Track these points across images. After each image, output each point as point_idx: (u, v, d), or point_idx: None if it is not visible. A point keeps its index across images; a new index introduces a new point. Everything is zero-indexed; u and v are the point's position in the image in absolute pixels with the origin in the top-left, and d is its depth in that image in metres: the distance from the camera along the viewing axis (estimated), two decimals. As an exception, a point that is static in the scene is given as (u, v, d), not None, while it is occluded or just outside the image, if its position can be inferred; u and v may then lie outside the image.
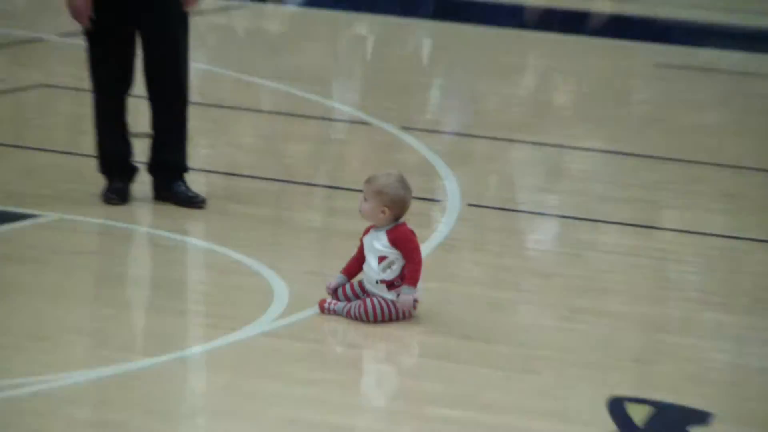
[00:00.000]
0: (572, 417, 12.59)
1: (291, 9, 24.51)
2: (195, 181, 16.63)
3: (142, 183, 16.63)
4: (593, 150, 19.23)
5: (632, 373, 13.20)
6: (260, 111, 20.05)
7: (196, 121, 16.81)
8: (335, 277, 14.41)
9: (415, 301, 14.30)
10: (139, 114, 16.50)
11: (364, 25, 23.95)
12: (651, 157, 18.82)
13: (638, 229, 17.22)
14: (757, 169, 18.90)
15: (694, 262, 16.25)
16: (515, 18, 23.82)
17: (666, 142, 19.34)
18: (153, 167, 16.34)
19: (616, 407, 12.49)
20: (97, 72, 16.26)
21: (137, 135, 16.36)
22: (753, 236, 16.69)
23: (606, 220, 17.27)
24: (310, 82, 21.08)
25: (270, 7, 24.72)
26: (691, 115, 20.31)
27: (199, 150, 16.81)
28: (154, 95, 16.22)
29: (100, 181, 16.43)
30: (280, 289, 14.29)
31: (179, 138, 16.32)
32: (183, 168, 16.28)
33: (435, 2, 23.93)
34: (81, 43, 16.48)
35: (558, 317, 14.72)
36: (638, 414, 12.19)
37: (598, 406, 12.34)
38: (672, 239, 18.10)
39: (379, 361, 13.59)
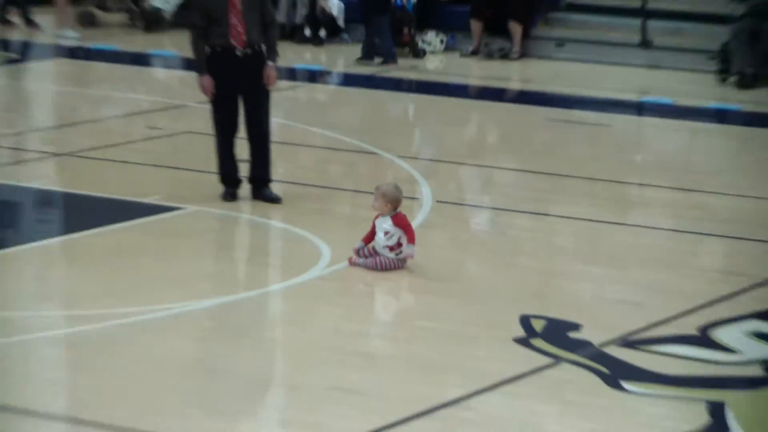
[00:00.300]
0: (493, 326, 13.08)
1: (333, 87, 24.26)
2: (274, 187, 16.75)
3: (245, 189, 16.78)
4: (510, 169, 19.28)
5: (535, 302, 13.39)
6: (312, 146, 20.09)
7: (275, 151, 16.93)
8: (358, 243, 14.50)
9: (403, 260, 14.70)
10: (242, 148, 16.60)
11: (378, 97, 23.67)
12: (542, 173, 18.86)
13: (536, 216, 17.26)
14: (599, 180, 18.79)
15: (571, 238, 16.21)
16: (462, 91, 23.46)
17: (552, 164, 19.29)
18: (251, 179, 16.49)
19: (524, 321, 12.83)
20: (217, 123, 16.40)
21: (241, 160, 16.60)
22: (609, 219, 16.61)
23: (518, 209, 17.30)
24: (341, 128, 21.05)
25: (319, 86, 24.46)
26: (567, 147, 20.23)
27: (277, 168, 16.91)
28: (251, 137, 16.38)
29: (219, 188, 16.59)
30: (326, 252, 14.81)
31: (266, 162, 16.44)
32: (268, 179, 16.45)
33: (415, 83, 23.48)
34: (207, 107, 16.60)
35: (496, 268, 15.02)
36: (538, 325, 12.48)
37: (514, 320, 12.40)
38: (544, 223, 17.72)
39: (384, 293, 14.47)
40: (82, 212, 16.56)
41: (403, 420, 10.75)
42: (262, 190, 16.45)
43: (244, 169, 16.95)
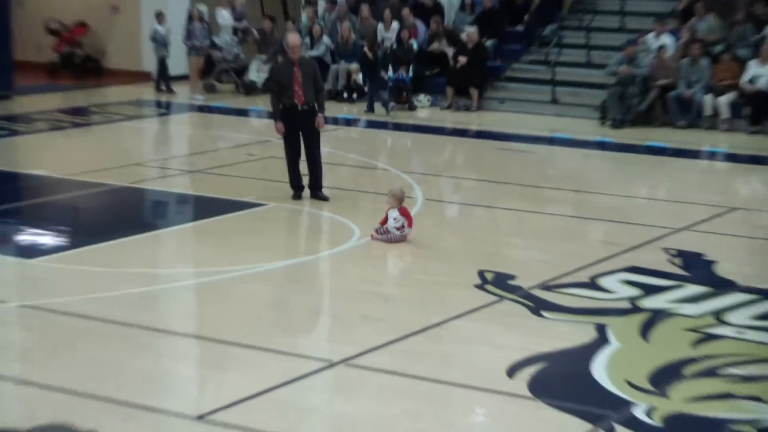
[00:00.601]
0: (461, 277, 12.77)
1: (361, 129, 23.81)
2: (324, 191, 16.53)
3: (305, 192, 16.58)
4: (471, 179, 19.01)
5: (487, 261, 13.21)
6: (347, 165, 19.81)
7: (325, 168, 16.70)
8: (376, 226, 14.25)
9: (404, 236, 14.41)
10: (303, 167, 16.38)
11: (388, 135, 23.40)
12: (491, 181, 18.60)
13: (487, 208, 16.97)
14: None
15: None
16: (440, 131, 23.11)
17: (497, 176, 18.99)
18: (309, 186, 16.32)
19: (481, 274, 12.81)
20: (287, 152, 16.25)
21: (303, 174, 16.44)
22: (532, 210, 16.47)
23: (476, 204, 17.06)
24: (366, 154, 20.78)
25: (352, 128, 24.13)
26: (506, 166, 19.94)
27: (326, 179, 16.62)
28: (308, 160, 16.15)
29: (290, 192, 16.37)
30: (357, 231, 14.62)
31: (318, 175, 16.23)
32: (320, 186, 16.27)
33: (411, 126, 23.17)
34: (281, 141, 16.39)
35: (463, 241, 15.07)
36: (489, 276, 12.47)
37: (474, 273, 12.27)
38: (492, 213, 17.33)
39: (392, 257, 14.36)
40: (206, 207, 16.48)
41: (405, 336, 11.08)
42: (316, 193, 16.26)
43: (304, 180, 16.66)
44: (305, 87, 15.89)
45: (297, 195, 16.60)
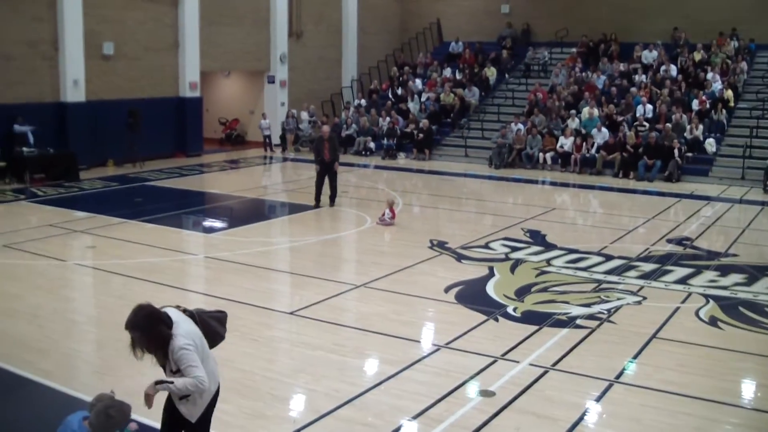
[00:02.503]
0: (420, 242, 12.57)
1: (369, 170, 23.59)
2: (351, 199, 16.33)
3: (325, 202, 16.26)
4: (427, 194, 18.85)
5: (435, 234, 13.00)
6: (363, 187, 19.68)
7: (351, 192, 16.45)
8: (379, 217, 13.75)
9: (393, 222, 13.97)
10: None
11: (384, 173, 23.10)
12: (437, 195, 18.38)
13: (434, 208, 16.73)
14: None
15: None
16: (411, 171, 22.86)
17: (440, 191, 18.80)
18: (330, 197, 15.82)
19: (431, 241, 12.75)
20: (317, 181, 15.65)
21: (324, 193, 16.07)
22: (456, 209, 16.18)
23: (430, 206, 16.94)
24: (372, 182, 20.51)
25: (363, 169, 23.85)
26: (445, 187, 19.80)
27: (350, 197, 16.46)
28: (330, 187, 15.57)
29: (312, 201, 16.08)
30: (368, 220, 14.21)
31: (334, 195, 15.72)
32: (334, 200, 15.67)
33: (395, 169, 22.97)
34: (314, 171, 16.17)
35: (422, 224, 14.60)
36: (435, 242, 12.20)
37: (427, 240, 12.10)
38: (436, 210, 16.91)
39: (388, 232, 13.72)
40: (292, 208, 16.14)
41: (393, 272, 11.01)
42: (333, 201, 15.73)
43: (324, 199, 16.18)
44: (330, 150, 15.40)
45: (316, 205, 15.72)
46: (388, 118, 26.22)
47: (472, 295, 9.71)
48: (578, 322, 8.63)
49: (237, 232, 13.49)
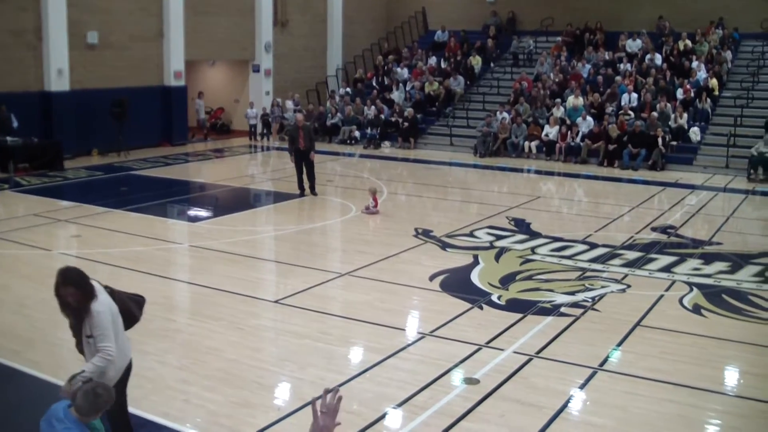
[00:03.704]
0: (406, 231, 12.50)
1: (354, 159, 23.48)
2: (336, 189, 16.27)
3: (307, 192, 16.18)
4: (412, 183, 18.77)
5: (420, 222, 12.94)
6: (348, 176, 19.38)
7: (336, 180, 16.38)
8: (365, 206, 13.73)
9: (377, 211, 13.91)
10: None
11: (369, 162, 23.01)
12: (423, 184, 18.31)
13: (418, 197, 16.75)
14: None
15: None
16: (395, 159, 22.83)
17: (426, 180, 18.78)
18: (309, 188, 15.64)
19: (416, 229, 12.73)
20: (296, 170, 15.54)
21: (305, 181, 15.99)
22: (443, 198, 16.21)
23: (415, 195, 16.86)
24: (356, 170, 20.46)
25: (348, 158, 23.75)
26: (434, 175, 19.74)
27: (337, 184, 16.44)
28: (308, 175, 15.37)
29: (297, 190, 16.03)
30: (353, 209, 14.22)
31: (312, 183, 15.44)
32: (314, 188, 15.37)
33: (378, 157, 22.93)
34: (292, 165, 16.05)
35: (408, 212, 14.58)
36: (420, 231, 12.21)
37: (412, 228, 12.04)
38: (421, 198, 16.93)
39: (372, 221, 13.77)
40: (277, 196, 16.09)
41: (378, 260, 11.00)
42: (312, 192, 15.57)
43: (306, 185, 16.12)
44: (305, 139, 15.28)
45: (300, 194, 15.62)
46: (373, 107, 26.05)
47: (457, 284, 9.68)
48: (562, 310, 8.63)
49: (222, 221, 13.45)
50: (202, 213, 14.59)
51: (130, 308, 4.86)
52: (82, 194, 15.49)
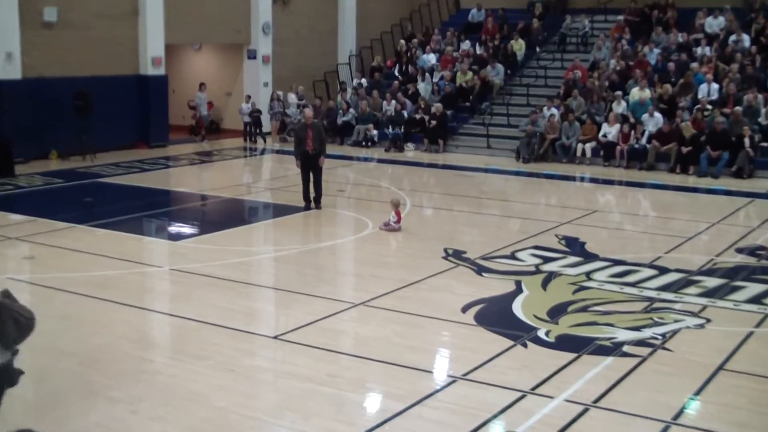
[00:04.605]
0: (433, 251, 12.55)
1: (371, 164, 23.68)
2: (349, 200, 16.37)
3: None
4: (439, 193, 18.87)
5: (449, 242, 12.95)
6: (363, 185, 19.61)
7: (348, 188, 16.48)
8: (383, 222, 13.77)
9: (400, 227, 13.96)
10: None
11: (388, 167, 23.15)
12: (450, 194, 18.40)
13: (448, 210, 16.86)
14: None
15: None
16: (420, 165, 23.00)
17: (454, 190, 18.85)
18: (314, 199, 15.57)
19: (446, 250, 12.77)
20: (302, 178, 15.59)
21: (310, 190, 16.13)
22: (476, 211, 16.20)
23: (441, 207, 16.96)
24: (374, 178, 20.56)
25: (365, 163, 23.91)
26: (460, 184, 19.85)
27: (350, 193, 16.56)
28: (314, 184, 15.44)
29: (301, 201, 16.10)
30: (370, 224, 14.18)
31: (319, 194, 15.50)
32: (319, 200, 15.50)
33: (402, 162, 23.09)
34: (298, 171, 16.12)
35: (434, 228, 14.66)
36: (449, 251, 12.42)
37: (441, 249, 12.07)
38: (450, 213, 16.91)
39: (391, 239, 13.89)
40: (279, 210, 16.22)
41: (399, 288, 10.95)
42: (317, 205, 15.71)
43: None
44: (313, 140, 15.36)
45: (306, 206, 15.73)
46: (393, 102, 26.18)
47: (496, 316, 9.75)
48: (625, 348, 8.64)
49: (210, 239, 13.59)
50: (186, 229, 14.72)
51: (6, 329, 5.04)
52: (38, 206, 15.60)
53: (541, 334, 9.12)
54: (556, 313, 9.85)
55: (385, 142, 25.25)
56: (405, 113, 25.89)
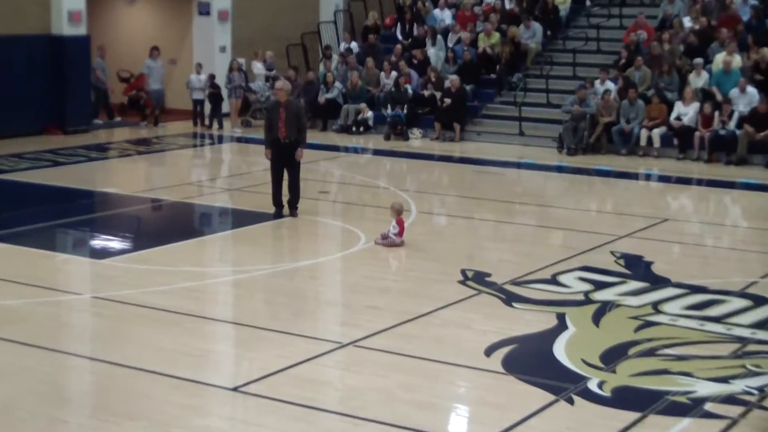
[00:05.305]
0: (447, 274, 12.67)
1: (366, 156, 23.74)
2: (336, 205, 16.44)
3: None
4: (454, 195, 18.82)
5: (468, 261, 13.01)
6: (354, 184, 19.69)
7: (335, 188, 16.50)
8: (380, 234, 13.89)
9: (402, 241, 14.16)
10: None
11: (387, 161, 23.24)
12: (470, 197, 18.37)
13: (467, 218, 16.91)
14: None
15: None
16: (430, 157, 23.08)
17: (475, 192, 18.89)
18: (288, 203, 15.73)
19: (463, 272, 12.56)
20: (272, 173, 15.84)
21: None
22: (503, 220, 16.27)
23: (458, 215, 17.01)
24: (370, 176, 20.65)
25: (358, 156, 24.03)
26: (482, 184, 19.87)
27: (337, 195, 16.67)
28: (289, 183, 15.59)
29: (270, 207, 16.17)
30: (363, 237, 14.26)
31: (294, 196, 15.54)
32: (295, 206, 15.59)
33: (406, 153, 23.14)
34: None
35: (448, 244, 14.74)
36: (470, 273, 12.34)
37: (458, 271, 12.06)
38: (471, 222, 16.98)
39: (392, 258, 14.02)
40: (241, 218, 16.46)
41: (401, 322, 10.96)
42: (291, 210, 15.96)
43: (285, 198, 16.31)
44: (288, 125, 15.42)
45: (277, 212, 15.96)
46: (394, 73, 26.26)
47: (531, 361, 9.81)
48: (708, 407, 8.61)
49: (149, 257, 13.66)
50: (116, 244, 14.79)
51: None
52: None
53: (593, 385, 9.11)
54: (613, 357, 9.84)
55: (384, 128, 25.36)
56: (409, 89, 25.96)
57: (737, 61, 23.36)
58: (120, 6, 28.97)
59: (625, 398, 8.86)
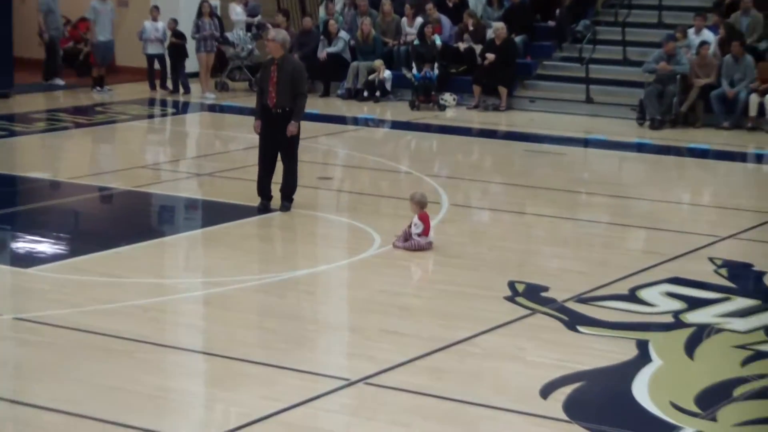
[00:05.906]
0: (489, 288, 12.99)
1: (383, 130, 23.80)
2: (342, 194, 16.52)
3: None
4: (499, 183, 18.85)
5: (517, 271, 12.98)
6: (368, 168, 19.73)
7: (349, 172, 16.54)
8: (401, 232, 13.94)
9: (429, 243, 14.25)
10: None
11: (412, 136, 23.28)
12: (520, 185, 18.42)
13: (517, 214, 16.96)
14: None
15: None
16: (467, 132, 23.09)
17: (526, 180, 18.92)
18: (281, 191, 15.84)
19: (511, 285, 12.47)
20: (259, 152, 16.03)
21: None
22: (565, 216, 16.31)
23: (505, 209, 17.02)
24: (387, 156, 20.66)
25: (373, 129, 24.04)
26: (537, 169, 19.90)
27: (346, 183, 16.69)
28: (284, 161, 15.82)
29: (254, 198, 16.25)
30: (377, 239, 14.30)
31: (287, 184, 15.68)
32: (288, 197, 15.98)
33: (437, 126, 23.15)
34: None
35: (490, 249, 14.86)
36: (520, 287, 12.17)
37: (504, 284, 12.08)
38: (522, 219, 16.92)
39: (416, 266, 14.17)
40: (216, 212, 16.45)
41: (428, 352, 10.90)
42: (282, 202, 16.24)
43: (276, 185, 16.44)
44: (279, 89, 15.63)
45: (263, 205, 16.22)
46: (419, 20, 26.49)
47: (602, 403, 9.85)
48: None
49: (90, 265, 13.74)
50: (45, 247, 14.81)
51: None
52: None
53: (687, 437, 9.18)
54: (713, 399, 9.77)
55: (405, 93, 25.62)
56: (438, 41, 26.12)
57: None
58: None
59: (729, 454, 8.88)
